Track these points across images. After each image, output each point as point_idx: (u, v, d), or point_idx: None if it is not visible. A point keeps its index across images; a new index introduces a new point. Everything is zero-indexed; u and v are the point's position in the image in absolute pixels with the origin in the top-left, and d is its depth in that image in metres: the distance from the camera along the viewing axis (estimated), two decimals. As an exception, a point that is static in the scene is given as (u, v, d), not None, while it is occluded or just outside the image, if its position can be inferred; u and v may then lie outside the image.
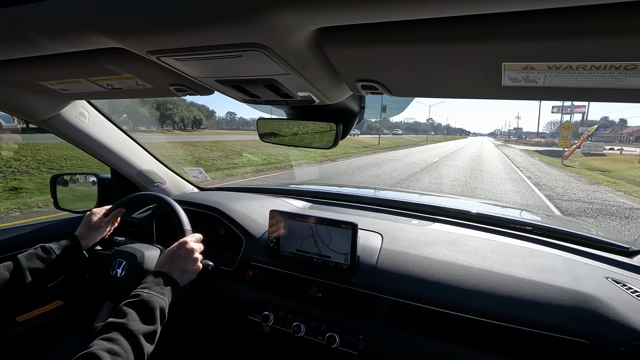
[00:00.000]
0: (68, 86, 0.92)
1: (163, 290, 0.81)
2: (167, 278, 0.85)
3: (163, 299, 0.78)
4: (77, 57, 0.70)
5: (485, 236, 1.18)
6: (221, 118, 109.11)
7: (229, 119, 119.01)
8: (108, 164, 1.45)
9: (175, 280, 0.86)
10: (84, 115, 1.24)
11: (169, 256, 0.92)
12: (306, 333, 1.05)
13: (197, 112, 45.25)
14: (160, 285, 0.82)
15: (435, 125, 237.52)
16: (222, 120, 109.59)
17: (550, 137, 73.61)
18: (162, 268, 0.88)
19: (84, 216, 1.13)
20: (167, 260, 0.90)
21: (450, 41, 0.45)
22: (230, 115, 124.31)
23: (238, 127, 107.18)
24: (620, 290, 0.87)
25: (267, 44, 0.50)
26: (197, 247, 0.96)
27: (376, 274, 1.02)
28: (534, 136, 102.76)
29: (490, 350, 0.87)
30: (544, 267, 0.96)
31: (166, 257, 0.92)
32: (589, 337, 0.79)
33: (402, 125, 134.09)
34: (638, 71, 0.43)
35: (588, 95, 0.54)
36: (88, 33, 0.54)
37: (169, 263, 0.90)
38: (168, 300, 0.80)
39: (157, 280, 0.83)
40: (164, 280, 0.83)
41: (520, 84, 0.53)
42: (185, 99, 38.21)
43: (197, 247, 0.96)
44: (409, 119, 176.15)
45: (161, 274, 0.85)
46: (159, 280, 0.83)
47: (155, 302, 0.76)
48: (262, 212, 1.36)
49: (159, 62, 0.62)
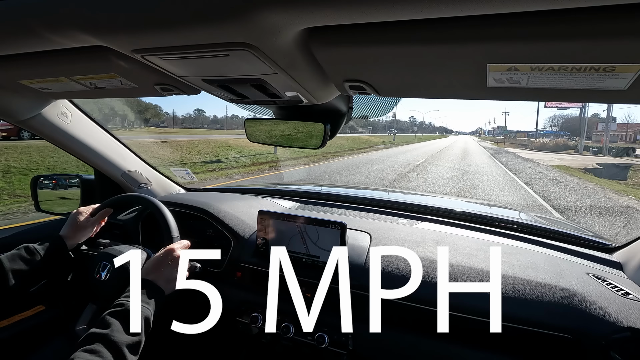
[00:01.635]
0: (49, 85, 0.90)
1: (148, 300, 0.79)
2: (152, 287, 0.83)
3: (148, 308, 0.77)
4: (59, 55, 0.68)
5: (471, 234, 1.20)
6: (187, 115, 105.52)
7: (194, 116, 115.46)
8: (91, 164, 1.42)
9: (160, 289, 0.84)
10: (66, 115, 1.21)
11: (155, 264, 0.90)
12: (295, 333, 1.05)
13: (140, 108, 41.00)
14: (145, 294, 0.80)
15: (412, 123, 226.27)
16: (188, 119, 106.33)
17: (557, 137, 60.12)
18: (148, 276, 0.86)
19: (70, 215, 1.10)
20: (153, 268, 0.89)
21: (436, 42, 0.46)
22: (198, 113, 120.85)
23: (202, 125, 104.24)
24: (601, 286, 0.90)
25: (255, 44, 0.50)
26: (184, 254, 0.94)
27: (365, 273, 1.02)
28: (523, 135, 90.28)
29: (478, 346, 0.89)
30: (528, 264, 0.98)
31: (152, 265, 0.90)
32: (571, 331, 0.81)
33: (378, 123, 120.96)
34: (616, 73, 0.45)
35: (570, 96, 0.55)
36: (70, 31, 0.53)
37: (154, 271, 0.88)
38: (153, 310, 0.78)
39: (142, 289, 0.81)
40: (149, 289, 0.81)
41: (505, 84, 0.54)
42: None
43: (184, 254, 0.94)
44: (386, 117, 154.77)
45: (146, 282, 0.83)
46: (143, 289, 0.81)
47: (139, 311, 0.74)
48: (250, 212, 1.35)
49: (143, 61, 0.61)
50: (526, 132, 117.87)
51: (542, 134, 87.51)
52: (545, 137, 72.82)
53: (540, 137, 70.90)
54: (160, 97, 1.47)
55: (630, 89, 0.48)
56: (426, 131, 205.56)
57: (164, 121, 43.75)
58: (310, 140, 0.86)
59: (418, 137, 73.19)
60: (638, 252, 0.97)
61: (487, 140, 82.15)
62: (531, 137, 72.51)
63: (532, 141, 54.00)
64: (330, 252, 1.04)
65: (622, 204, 7.86)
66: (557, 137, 64.59)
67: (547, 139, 60.26)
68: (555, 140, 48.32)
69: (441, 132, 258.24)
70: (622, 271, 1.01)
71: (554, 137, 66.42)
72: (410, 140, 55.10)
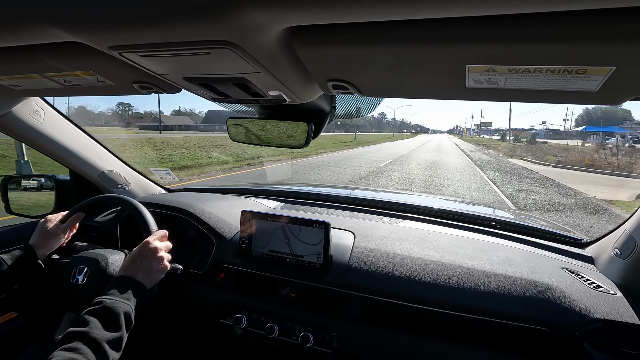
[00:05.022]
0: (20, 82, 0.86)
1: (127, 295, 0.77)
2: (131, 281, 0.81)
3: (128, 304, 0.75)
4: (30, 50, 0.65)
5: (452, 232, 1.23)
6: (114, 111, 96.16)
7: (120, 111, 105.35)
8: (67, 165, 1.37)
9: (140, 283, 0.83)
10: (39, 113, 1.16)
11: (132, 258, 0.88)
12: (280, 334, 1.05)
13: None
14: (124, 290, 0.78)
15: (384, 121, 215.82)
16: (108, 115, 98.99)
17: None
18: (126, 272, 0.84)
19: (38, 223, 1.05)
20: (130, 263, 0.86)
21: (418, 43, 0.47)
22: (124, 108, 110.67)
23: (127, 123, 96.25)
24: (575, 280, 0.93)
25: (237, 42, 0.49)
26: (161, 245, 0.92)
27: (349, 272, 1.03)
28: (521, 133, 60.45)
29: (459, 341, 0.91)
30: (506, 260, 1.01)
31: (129, 260, 0.88)
32: (547, 324, 0.84)
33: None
34: (587, 75, 0.47)
35: (545, 97, 0.57)
36: (42, 26, 0.51)
37: (131, 265, 0.86)
38: (134, 305, 0.77)
39: (121, 285, 0.79)
40: (127, 284, 0.80)
41: (483, 85, 0.55)
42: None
43: (161, 245, 0.92)
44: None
45: (124, 278, 0.82)
46: (122, 285, 0.79)
47: (119, 307, 0.72)
48: (233, 212, 1.34)
49: (121, 58, 0.59)
50: (523, 129, 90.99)
51: (581, 131, 54.11)
52: (585, 138, 44.21)
53: (571, 139, 44.58)
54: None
55: (600, 91, 0.51)
56: (397, 129, 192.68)
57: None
58: (294, 139, 0.86)
59: (370, 137, 53.32)
60: (608, 247, 1.01)
61: (471, 142, 52.60)
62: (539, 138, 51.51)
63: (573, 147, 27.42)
64: (314, 252, 1.05)
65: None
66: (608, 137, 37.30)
67: (596, 141, 35.51)
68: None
69: (417, 130, 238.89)
70: (593, 265, 1.06)
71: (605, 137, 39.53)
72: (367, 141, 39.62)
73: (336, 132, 72.68)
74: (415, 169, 13.16)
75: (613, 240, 0.99)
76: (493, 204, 7.00)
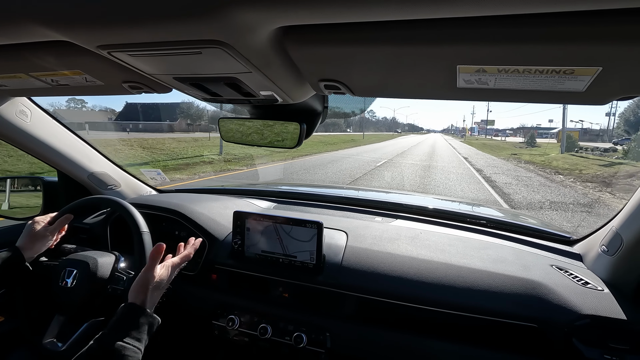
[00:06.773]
0: (5, 82, 0.84)
1: (140, 335, 0.73)
2: (143, 314, 0.77)
3: (139, 350, 0.71)
4: (16, 49, 0.64)
5: (444, 231, 1.24)
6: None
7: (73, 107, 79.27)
8: (55, 166, 1.35)
9: (153, 316, 0.79)
10: (25, 113, 1.14)
11: (141, 284, 0.82)
12: (273, 334, 1.04)
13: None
14: (137, 328, 0.74)
15: (373, 120, 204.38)
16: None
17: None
18: (137, 299, 0.79)
19: (26, 225, 1.02)
20: (141, 289, 0.81)
21: (409, 43, 0.47)
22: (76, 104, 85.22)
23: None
24: (564, 277, 0.95)
25: (228, 42, 0.49)
26: (165, 275, 0.86)
27: (342, 271, 1.03)
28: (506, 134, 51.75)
29: (452, 339, 0.92)
30: (497, 258, 1.02)
31: (138, 286, 0.81)
32: (537, 321, 0.86)
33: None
34: (575, 75, 0.47)
35: (533, 97, 0.58)
36: (28, 24, 0.50)
37: (141, 292, 0.80)
38: (145, 343, 0.73)
39: (133, 321, 0.74)
40: (140, 319, 0.75)
41: (474, 85, 0.56)
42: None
43: (165, 275, 0.86)
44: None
45: (137, 310, 0.77)
46: (134, 321, 0.74)
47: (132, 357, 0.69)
48: (225, 213, 1.33)
49: (111, 58, 0.58)
50: (538, 127, 76.92)
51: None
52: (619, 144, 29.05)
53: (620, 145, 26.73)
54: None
55: (587, 91, 0.52)
56: (385, 128, 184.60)
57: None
58: (286, 139, 0.86)
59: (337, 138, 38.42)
60: (595, 244, 1.03)
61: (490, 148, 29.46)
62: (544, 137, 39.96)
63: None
64: (307, 252, 1.05)
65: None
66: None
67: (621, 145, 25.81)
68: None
69: (410, 129, 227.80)
70: (582, 262, 1.08)
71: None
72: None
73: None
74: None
75: (600, 238, 1.00)
76: (485, 202, 7.08)
